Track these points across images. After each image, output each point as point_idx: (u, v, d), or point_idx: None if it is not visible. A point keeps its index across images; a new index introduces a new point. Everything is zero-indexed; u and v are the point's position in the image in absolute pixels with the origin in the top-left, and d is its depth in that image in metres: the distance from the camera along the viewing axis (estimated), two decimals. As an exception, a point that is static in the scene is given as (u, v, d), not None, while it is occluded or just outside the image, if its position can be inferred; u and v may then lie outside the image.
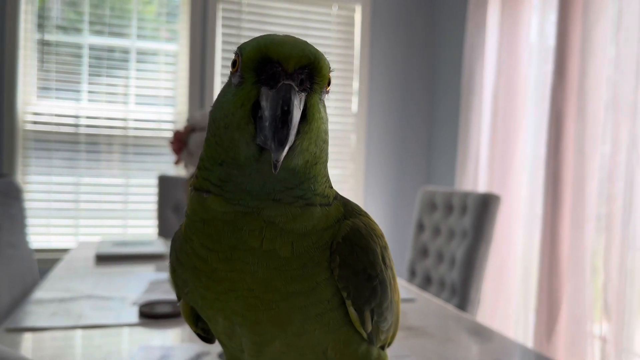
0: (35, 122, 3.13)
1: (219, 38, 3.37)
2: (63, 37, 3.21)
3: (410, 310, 1.40)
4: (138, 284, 1.53)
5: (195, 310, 0.54)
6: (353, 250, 0.48)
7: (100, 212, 3.26)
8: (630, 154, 1.95)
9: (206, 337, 0.58)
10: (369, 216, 0.53)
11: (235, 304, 0.47)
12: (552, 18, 2.43)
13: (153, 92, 3.34)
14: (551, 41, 2.42)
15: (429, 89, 3.72)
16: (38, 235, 3.11)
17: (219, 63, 3.38)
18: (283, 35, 0.44)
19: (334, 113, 3.54)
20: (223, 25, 3.39)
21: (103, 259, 1.90)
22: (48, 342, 1.08)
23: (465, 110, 3.04)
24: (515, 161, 2.70)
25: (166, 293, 1.43)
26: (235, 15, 3.40)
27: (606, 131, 2.12)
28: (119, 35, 3.28)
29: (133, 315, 1.24)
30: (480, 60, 2.93)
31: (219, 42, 3.37)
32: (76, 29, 3.25)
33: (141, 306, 1.26)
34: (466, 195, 2.07)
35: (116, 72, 3.29)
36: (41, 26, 3.15)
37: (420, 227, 2.33)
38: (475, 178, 2.93)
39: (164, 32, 3.40)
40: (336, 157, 3.52)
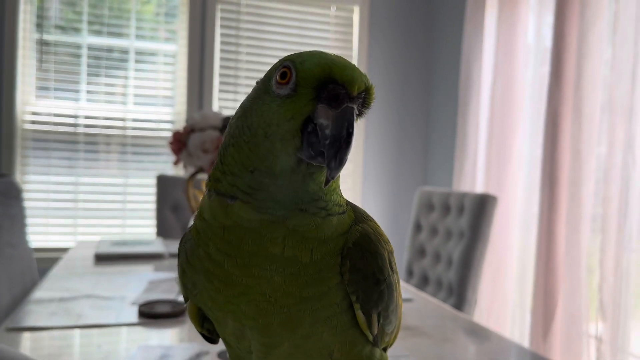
0: (34, 122, 3.13)
1: (218, 38, 3.38)
2: (62, 37, 3.21)
3: (407, 310, 1.42)
4: (137, 284, 1.53)
5: (201, 311, 0.55)
6: (363, 255, 0.49)
7: (99, 212, 3.27)
8: (625, 155, 1.96)
9: (210, 338, 0.59)
10: (375, 221, 0.54)
11: (246, 307, 0.47)
12: (549, 20, 2.44)
13: (152, 92, 3.35)
14: (548, 43, 2.43)
15: (427, 90, 3.73)
16: (37, 234, 3.11)
17: (218, 63, 3.38)
18: (336, 55, 0.46)
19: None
20: (222, 25, 3.39)
21: (102, 259, 1.91)
22: (48, 342, 1.09)
23: (462, 111, 3.05)
24: (512, 162, 2.72)
25: (165, 293, 1.43)
26: (233, 15, 3.41)
27: (602, 132, 2.14)
28: (118, 35, 3.28)
29: (132, 314, 1.25)
30: (477, 61, 2.95)
31: (218, 43, 3.38)
32: (75, 29, 3.26)
33: (141, 306, 1.27)
34: (463, 195, 2.09)
35: (115, 72, 3.30)
36: (40, 26, 3.15)
37: (417, 228, 2.34)
38: (472, 179, 2.95)
39: (163, 33, 3.41)
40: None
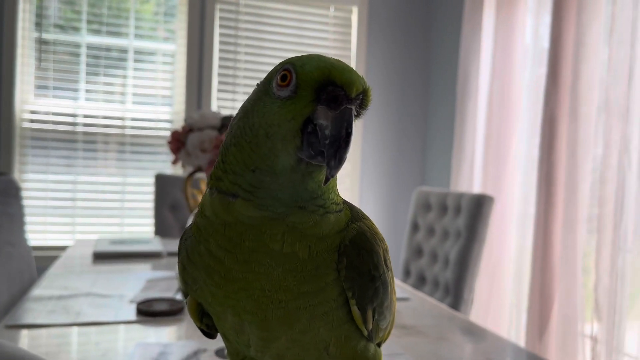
0: (32, 121, 3.14)
1: (217, 38, 3.38)
2: (61, 36, 3.21)
3: (404, 309, 1.43)
4: (135, 282, 1.54)
5: (200, 306, 0.56)
6: (359, 252, 0.50)
7: (97, 211, 3.27)
8: (621, 157, 1.98)
9: (209, 333, 0.60)
10: (371, 220, 0.55)
11: (246, 302, 0.49)
12: (547, 21, 2.45)
13: (150, 92, 3.35)
14: (545, 44, 2.44)
15: (425, 91, 3.75)
16: (35, 233, 3.12)
17: (216, 63, 3.39)
18: (335, 59, 0.48)
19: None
20: (220, 25, 3.40)
21: (100, 257, 1.92)
22: (46, 339, 1.09)
23: (460, 111, 3.06)
24: (508, 162, 2.73)
25: (163, 291, 1.44)
26: (232, 15, 3.42)
27: (598, 133, 2.15)
28: (117, 34, 3.29)
29: (131, 312, 1.26)
30: (475, 62, 2.96)
31: (217, 43, 3.38)
32: (74, 28, 3.26)
33: (139, 304, 1.28)
34: (460, 196, 2.10)
35: (114, 71, 3.30)
36: (39, 25, 3.16)
37: (414, 227, 2.35)
38: (469, 179, 2.96)
39: (162, 32, 3.42)
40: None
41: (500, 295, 2.71)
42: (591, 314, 2.07)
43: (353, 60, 3.59)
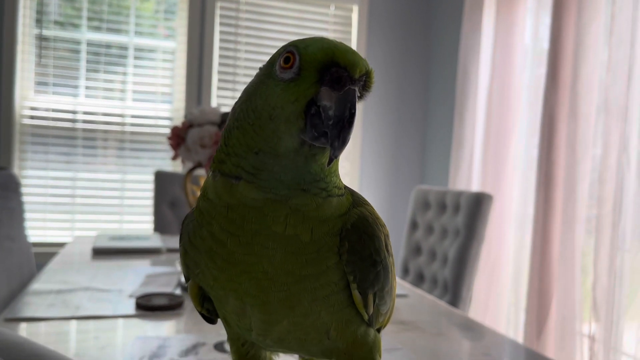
0: (32, 117, 3.14)
1: (217, 36, 3.39)
2: (61, 33, 3.22)
3: (403, 305, 1.43)
4: (135, 277, 1.55)
5: (202, 291, 0.56)
6: (361, 237, 0.51)
7: (96, 207, 3.27)
8: (620, 157, 1.98)
9: (209, 318, 0.61)
10: (372, 206, 0.56)
11: (248, 285, 0.49)
12: (546, 21, 2.46)
13: (150, 89, 3.36)
14: (545, 44, 2.45)
15: (424, 89, 3.75)
16: (34, 229, 3.12)
17: (216, 61, 3.39)
18: (337, 41, 0.48)
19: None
20: (221, 23, 3.40)
21: (100, 253, 1.92)
22: (46, 333, 1.10)
23: (459, 111, 3.07)
24: (508, 162, 2.73)
25: (163, 286, 1.45)
26: (233, 13, 3.42)
27: (597, 134, 2.15)
28: (117, 31, 3.29)
29: (130, 307, 1.26)
30: (475, 61, 2.97)
31: (217, 40, 3.39)
32: (74, 25, 3.26)
33: (138, 298, 1.28)
34: (459, 194, 2.10)
35: (114, 68, 3.30)
36: (39, 21, 3.16)
37: (413, 225, 2.36)
38: (468, 178, 2.97)
39: (162, 29, 3.42)
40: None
41: (498, 294, 2.72)
42: (589, 314, 2.08)
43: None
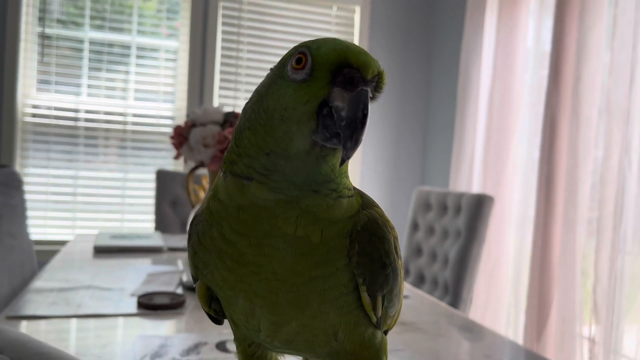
0: (34, 115, 3.14)
1: (219, 36, 3.39)
2: (63, 31, 3.22)
3: (404, 306, 1.43)
4: (136, 276, 1.55)
5: (209, 291, 0.57)
6: (371, 239, 0.51)
7: (98, 206, 3.28)
8: (622, 159, 1.98)
9: (216, 319, 0.61)
10: (381, 208, 0.56)
11: (258, 286, 0.49)
12: (549, 23, 2.46)
13: (152, 88, 3.36)
14: (547, 46, 2.45)
15: (426, 91, 3.75)
16: (36, 227, 3.12)
17: (219, 60, 3.40)
18: (349, 42, 0.48)
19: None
20: (223, 23, 3.41)
21: (101, 251, 1.92)
22: (47, 331, 1.10)
23: (460, 112, 3.07)
24: (509, 163, 2.74)
25: (164, 285, 1.45)
26: (235, 13, 3.43)
27: (599, 136, 2.16)
28: (119, 30, 3.30)
29: (131, 305, 1.26)
30: (476, 63, 2.97)
31: (219, 40, 3.39)
32: (77, 24, 3.27)
33: (139, 297, 1.29)
34: (460, 195, 2.11)
35: (116, 67, 3.31)
36: (42, 20, 3.16)
37: (414, 227, 2.36)
38: (469, 179, 2.97)
39: (165, 29, 3.42)
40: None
41: (498, 295, 2.72)
42: (589, 316, 2.08)
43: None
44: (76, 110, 3.21)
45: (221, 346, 1.03)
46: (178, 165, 3.27)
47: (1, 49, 3.05)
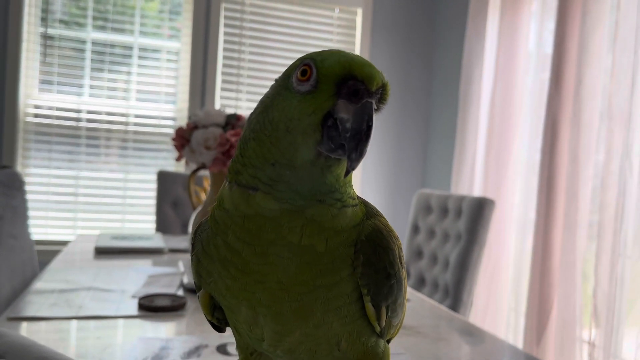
0: (36, 115, 3.15)
1: (221, 37, 3.39)
2: (66, 32, 3.23)
3: (403, 309, 1.43)
4: (137, 277, 1.55)
5: (212, 300, 0.57)
6: (376, 250, 0.51)
7: (99, 206, 3.28)
8: (623, 163, 1.99)
9: (218, 327, 0.61)
10: (385, 217, 0.56)
11: (262, 295, 0.49)
12: (550, 26, 2.46)
13: (154, 89, 3.37)
14: (549, 49, 2.45)
15: (427, 93, 3.76)
16: (37, 227, 3.12)
17: (221, 62, 3.40)
18: (354, 54, 0.48)
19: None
20: (225, 24, 3.41)
21: (102, 252, 1.93)
22: (48, 332, 1.10)
23: (462, 114, 3.07)
24: (510, 167, 2.74)
25: (165, 287, 1.45)
26: (237, 15, 3.43)
27: (600, 140, 2.16)
28: (122, 31, 3.30)
29: (132, 307, 1.26)
30: (478, 65, 2.97)
31: (221, 41, 3.40)
32: (79, 24, 3.27)
33: (140, 299, 1.29)
34: (461, 198, 2.11)
35: (118, 68, 3.31)
36: (44, 20, 3.17)
37: (415, 229, 2.36)
38: (470, 182, 2.97)
39: (167, 30, 3.43)
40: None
41: (498, 298, 2.72)
42: (589, 320, 2.08)
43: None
44: (78, 110, 3.22)
45: (222, 349, 1.03)
46: (179, 166, 3.28)
47: (3, 49, 3.05)
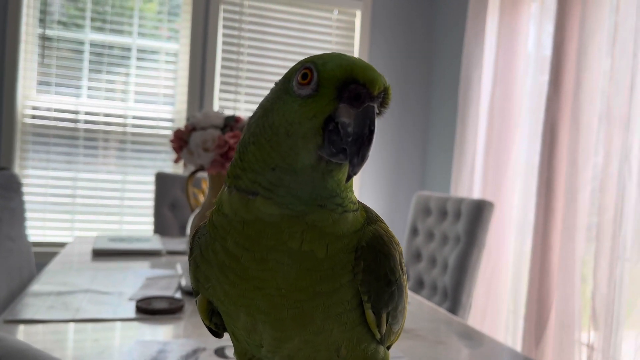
0: (34, 117, 3.14)
1: (220, 38, 3.39)
2: (64, 33, 3.22)
3: (402, 312, 1.43)
4: (135, 280, 1.54)
5: (210, 305, 0.56)
6: (377, 256, 0.50)
7: (97, 208, 3.27)
8: (622, 166, 1.98)
9: (216, 332, 0.60)
10: (385, 223, 0.55)
11: (261, 302, 0.49)
12: (550, 29, 2.46)
13: (152, 90, 3.36)
14: (548, 52, 2.45)
15: (427, 96, 3.76)
16: (34, 229, 3.12)
17: (219, 63, 3.40)
18: (355, 57, 0.48)
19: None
20: (224, 26, 3.41)
21: (100, 254, 1.92)
22: (45, 335, 1.09)
23: (461, 117, 3.07)
24: (509, 169, 2.73)
25: (163, 289, 1.44)
26: (236, 16, 3.43)
27: (599, 142, 2.16)
28: (120, 32, 3.30)
29: (130, 310, 1.26)
30: (477, 68, 2.97)
31: (220, 43, 3.39)
32: (77, 25, 3.27)
33: (138, 301, 1.28)
34: (460, 201, 2.10)
35: (116, 69, 3.31)
36: (43, 21, 3.16)
37: (414, 231, 2.36)
38: (469, 185, 2.96)
39: (165, 31, 3.42)
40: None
41: (497, 301, 2.71)
42: (588, 322, 2.08)
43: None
44: (76, 112, 3.21)
45: (220, 352, 1.02)
46: (177, 168, 3.27)
47: (1, 50, 3.04)
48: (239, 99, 3.45)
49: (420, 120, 3.76)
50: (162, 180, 2.70)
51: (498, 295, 2.71)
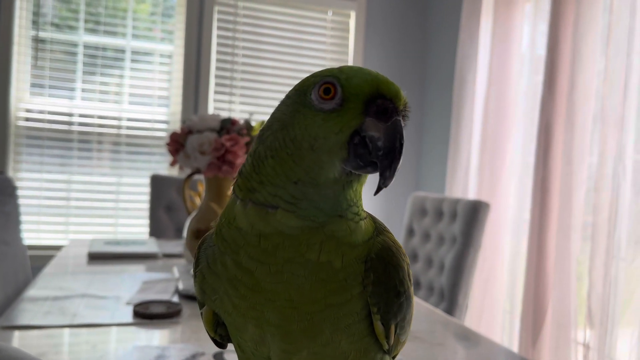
0: (27, 119, 3.12)
1: (214, 40, 3.38)
2: (57, 35, 3.20)
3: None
4: (131, 284, 1.54)
5: (216, 316, 0.56)
6: (386, 268, 0.51)
7: (91, 211, 3.26)
8: (616, 165, 2.00)
9: (220, 343, 0.60)
10: (392, 233, 0.56)
11: (271, 314, 0.49)
12: (544, 29, 2.47)
13: (147, 92, 3.35)
14: (542, 52, 2.46)
15: (421, 96, 3.76)
16: (29, 232, 3.09)
17: (214, 65, 3.39)
18: (375, 71, 0.48)
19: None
20: (218, 27, 3.40)
21: (95, 258, 1.91)
22: (42, 341, 1.09)
23: (456, 118, 3.08)
24: (504, 169, 2.74)
25: (160, 293, 1.44)
26: (230, 17, 3.42)
27: (594, 142, 2.17)
28: (114, 34, 3.28)
29: (127, 314, 1.25)
30: (472, 69, 2.98)
31: (214, 44, 3.38)
32: (70, 27, 3.25)
33: (135, 306, 1.27)
34: (456, 201, 2.11)
35: (110, 71, 3.29)
36: (35, 23, 3.14)
37: (410, 232, 2.36)
38: (464, 185, 2.97)
39: (159, 32, 3.41)
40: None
41: (493, 301, 2.72)
42: (584, 321, 2.09)
43: (350, 64, 3.59)
44: (70, 114, 3.20)
45: (219, 357, 1.02)
46: (172, 170, 3.26)
47: (-6, 53, 3.02)
48: (234, 100, 3.44)
49: (414, 120, 3.76)
50: (158, 182, 2.69)
51: (494, 295, 2.72)
